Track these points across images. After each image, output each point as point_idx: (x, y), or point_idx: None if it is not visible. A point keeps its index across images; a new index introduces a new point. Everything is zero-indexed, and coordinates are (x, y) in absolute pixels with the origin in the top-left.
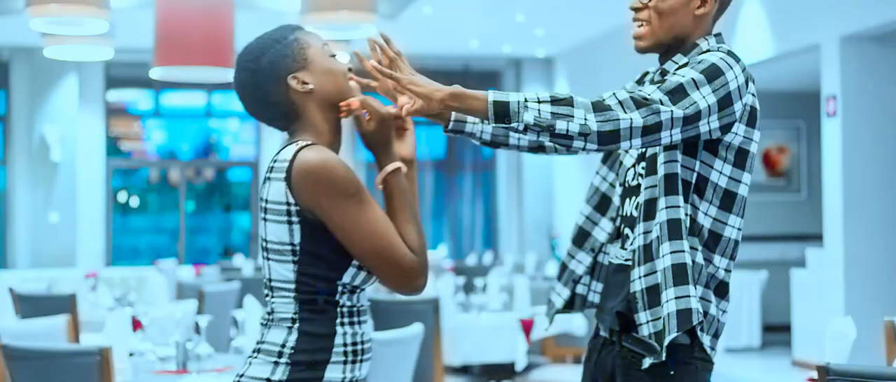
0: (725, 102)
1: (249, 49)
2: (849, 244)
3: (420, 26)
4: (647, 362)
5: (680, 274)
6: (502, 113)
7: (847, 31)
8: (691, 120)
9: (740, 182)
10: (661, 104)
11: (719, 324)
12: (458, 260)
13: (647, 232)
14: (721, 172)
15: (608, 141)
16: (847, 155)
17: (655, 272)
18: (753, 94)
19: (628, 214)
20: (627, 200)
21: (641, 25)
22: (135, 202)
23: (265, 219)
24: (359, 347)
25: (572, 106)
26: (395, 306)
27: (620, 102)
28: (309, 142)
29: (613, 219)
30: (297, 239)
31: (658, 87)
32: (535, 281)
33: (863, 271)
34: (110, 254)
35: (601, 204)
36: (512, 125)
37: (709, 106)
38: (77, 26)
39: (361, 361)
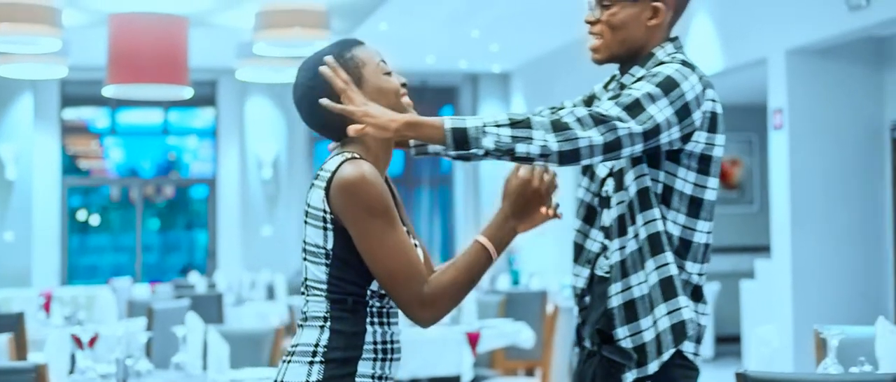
0: (683, 113)
1: (308, 65)
2: (796, 255)
3: (375, 42)
4: (629, 377)
5: (668, 287)
6: (461, 139)
7: (792, 44)
8: (651, 134)
9: (706, 187)
10: (620, 120)
11: (700, 328)
12: None
13: (621, 248)
14: (685, 180)
15: (569, 160)
16: (794, 167)
17: (631, 288)
18: (713, 100)
19: (606, 225)
20: (605, 211)
21: (596, 39)
22: (95, 220)
23: (306, 222)
24: (389, 346)
25: (531, 127)
26: None
27: (579, 120)
28: (354, 156)
29: (602, 229)
30: (330, 245)
31: (615, 102)
32: (486, 294)
33: (810, 282)
34: (65, 273)
35: (588, 215)
36: (471, 151)
37: (667, 119)
38: (29, 44)
39: (391, 360)
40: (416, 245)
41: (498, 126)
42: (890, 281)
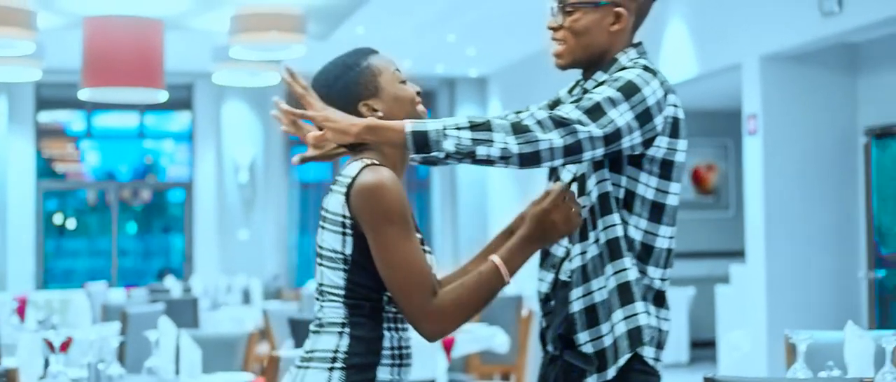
0: (644, 118)
1: (324, 73)
2: (770, 259)
3: (352, 47)
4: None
5: (625, 293)
6: (421, 142)
7: (766, 50)
8: (611, 138)
9: (668, 192)
10: (580, 124)
11: (662, 334)
12: None
13: (582, 253)
14: (647, 185)
15: (530, 162)
16: (768, 172)
17: (592, 293)
18: (675, 105)
19: None
20: None
21: (559, 45)
22: (71, 224)
23: (323, 227)
24: (404, 351)
25: (491, 130)
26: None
27: (539, 122)
28: (374, 162)
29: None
30: (348, 250)
31: (576, 106)
32: None
33: (784, 286)
34: (41, 277)
35: None
36: (432, 154)
37: (627, 123)
38: (3, 47)
39: (406, 365)
40: (428, 251)
41: (458, 129)
42: (864, 286)
